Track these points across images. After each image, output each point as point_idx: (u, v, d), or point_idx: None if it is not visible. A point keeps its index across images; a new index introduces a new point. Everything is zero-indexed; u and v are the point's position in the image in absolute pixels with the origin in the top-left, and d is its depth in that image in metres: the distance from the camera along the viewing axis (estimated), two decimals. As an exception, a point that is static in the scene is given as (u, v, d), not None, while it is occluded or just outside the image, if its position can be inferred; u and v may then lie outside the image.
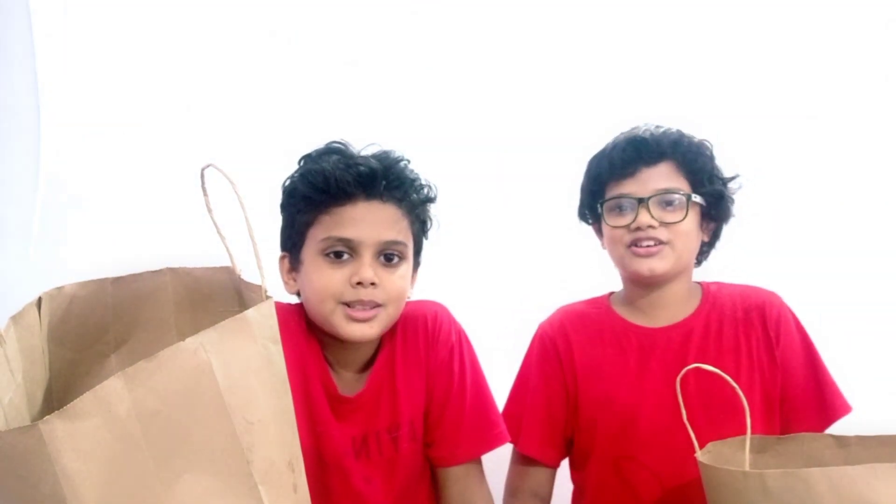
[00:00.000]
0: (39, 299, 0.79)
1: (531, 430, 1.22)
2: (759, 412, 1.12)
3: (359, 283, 0.99)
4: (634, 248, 1.15)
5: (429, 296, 1.16)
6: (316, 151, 1.05)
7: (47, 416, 0.56)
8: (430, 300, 1.14)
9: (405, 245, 1.04)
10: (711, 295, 1.22)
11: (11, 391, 0.71)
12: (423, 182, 1.07)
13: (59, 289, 0.81)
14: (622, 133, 1.22)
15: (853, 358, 1.68)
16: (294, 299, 1.11)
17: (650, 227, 1.13)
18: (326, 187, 1.00)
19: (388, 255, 1.02)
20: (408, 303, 1.09)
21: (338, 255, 1.00)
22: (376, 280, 0.99)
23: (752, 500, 0.83)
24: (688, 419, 1.10)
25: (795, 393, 1.16)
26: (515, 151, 1.76)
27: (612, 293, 1.29)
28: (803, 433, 1.05)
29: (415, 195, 1.05)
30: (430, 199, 1.09)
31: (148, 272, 0.85)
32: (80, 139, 1.69)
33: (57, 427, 0.56)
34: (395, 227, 1.02)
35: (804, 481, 0.80)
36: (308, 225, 1.02)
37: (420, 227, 1.08)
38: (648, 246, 1.14)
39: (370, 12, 1.78)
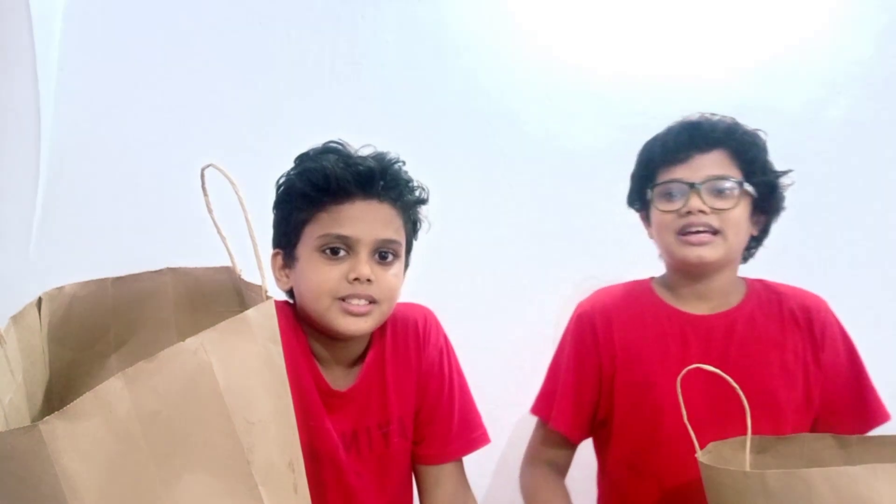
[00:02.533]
0: (39, 299, 0.79)
1: (562, 408, 1.23)
2: (797, 410, 1.12)
3: (355, 280, 1.01)
4: (684, 236, 1.13)
5: (420, 297, 1.18)
6: (313, 150, 1.07)
7: (47, 417, 0.56)
8: (418, 304, 1.17)
9: (399, 244, 1.06)
10: (757, 290, 1.21)
11: (12, 391, 0.71)
12: (417, 184, 1.10)
13: (60, 289, 0.81)
14: (676, 120, 1.20)
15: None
16: (282, 295, 1.11)
17: (701, 212, 1.11)
18: (326, 185, 1.01)
19: (382, 254, 1.04)
20: (397, 304, 1.11)
21: (334, 251, 1.02)
22: (372, 277, 1.01)
23: (753, 500, 0.83)
24: (716, 413, 1.10)
25: (837, 398, 1.15)
26: (514, 152, 1.76)
27: (652, 278, 1.27)
28: (803, 433, 1.06)
29: (409, 196, 1.08)
30: (423, 201, 1.11)
31: (148, 272, 0.85)
32: (81, 139, 1.69)
33: (57, 427, 0.56)
34: (390, 226, 1.04)
35: (805, 482, 0.79)
36: (305, 222, 1.04)
37: (412, 227, 1.11)
38: (699, 233, 1.12)
39: (371, 12, 1.78)
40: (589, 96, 1.75)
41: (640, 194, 1.23)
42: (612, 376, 1.20)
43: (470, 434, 1.15)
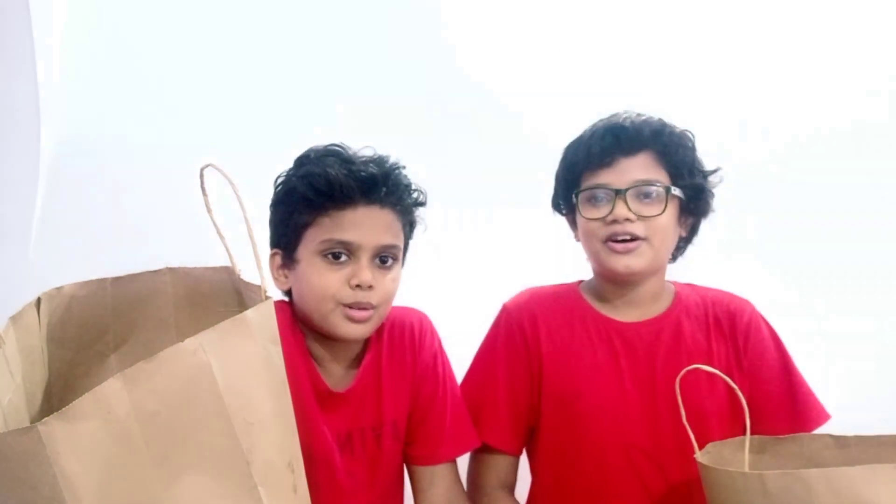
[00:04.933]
0: (39, 300, 0.79)
1: (496, 419, 1.18)
2: (722, 419, 1.11)
3: (357, 286, 1.02)
4: (611, 244, 1.10)
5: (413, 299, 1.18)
6: (314, 153, 1.07)
7: (46, 418, 0.56)
8: (414, 308, 1.18)
9: (399, 248, 1.08)
10: (683, 296, 1.19)
11: (11, 392, 0.72)
12: (415, 187, 1.11)
13: (59, 289, 0.81)
14: (601, 119, 1.16)
15: (854, 357, 1.69)
16: (280, 295, 1.12)
17: (627, 220, 1.08)
18: (329, 191, 1.01)
19: (383, 258, 1.05)
20: (393, 308, 1.13)
21: (336, 256, 1.03)
22: (373, 283, 1.02)
23: (752, 501, 0.83)
24: (658, 424, 1.11)
25: (766, 401, 1.12)
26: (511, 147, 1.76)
27: (581, 282, 1.25)
28: (802, 434, 1.06)
29: (409, 200, 1.09)
30: (422, 204, 1.12)
31: (147, 272, 0.85)
32: (80, 139, 1.69)
33: (56, 429, 0.56)
34: (391, 231, 1.05)
35: (803, 482, 0.80)
36: (306, 226, 1.04)
37: (409, 229, 1.12)
38: (625, 241, 1.09)
39: (371, 13, 1.78)
40: (590, 96, 1.75)
41: (565, 199, 1.19)
42: (539, 382, 1.17)
43: (461, 436, 1.15)
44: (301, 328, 1.08)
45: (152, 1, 1.74)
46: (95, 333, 0.83)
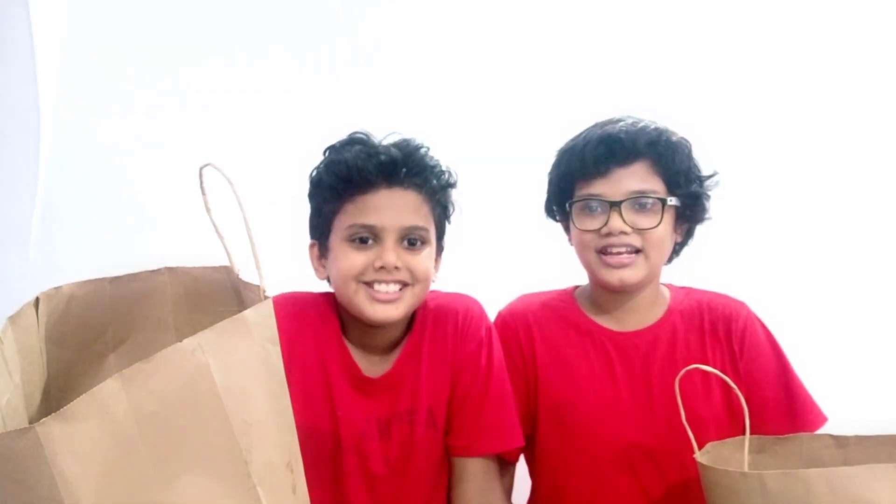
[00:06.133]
0: (37, 299, 0.79)
1: None
2: (720, 425, 1.10)
3: (381, 268, 1.03)
4: (605, 257, 1.10)
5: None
6: (339, 142, 1.09)
7: (44, 419, 0.56)
8: (466, 295, 1.17)
9: (426, 230, 1.07)
10: (679, 302, 1.18)
11: (9, 392, 0.72)
12: (443, 168, 1.10)
13: (57, 289, 0.81)
14: (596, 125, 1.15)
15: (852, 358, 1.69)
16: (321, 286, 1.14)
17: (622, 233, 1.08)
18: (349, 177, 1.03)
19: (410, 240, 1.05)
20: (443, 294, 1.14)
21: (363, 240, 1.04)
22: (399, 264, 1.03)
23: (751, 500, 0.83)
24: (654, 432, 1.10)
25: (764, 405, 1.11)
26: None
27: (577, 287, 1.24)
28: (802, 433, 1.05)
29: (435, 181, 1.08)
30: (451, 185, 1.11)
31: (146, 272, 0.85)
32: (80, 139, 1.69)
33: (54, 429, 0.56)
34: (416, 213, 1.05)
35: (803, 482, 0.80)
36: (334, 213, 1.06)
37: (441, 211, 1.11)
38: (620, 254, 1.08)
39: (372, 12, 1.78)
40: (592, 98, 1.75)
41: (559, 206, 1.19)
42: (535, 391, 1.17)
43: (504, 430, 1.11)
44: (340, 317, 1.11)
45: (152, 1, 1.74)
46: (94, 333, 0.83)
